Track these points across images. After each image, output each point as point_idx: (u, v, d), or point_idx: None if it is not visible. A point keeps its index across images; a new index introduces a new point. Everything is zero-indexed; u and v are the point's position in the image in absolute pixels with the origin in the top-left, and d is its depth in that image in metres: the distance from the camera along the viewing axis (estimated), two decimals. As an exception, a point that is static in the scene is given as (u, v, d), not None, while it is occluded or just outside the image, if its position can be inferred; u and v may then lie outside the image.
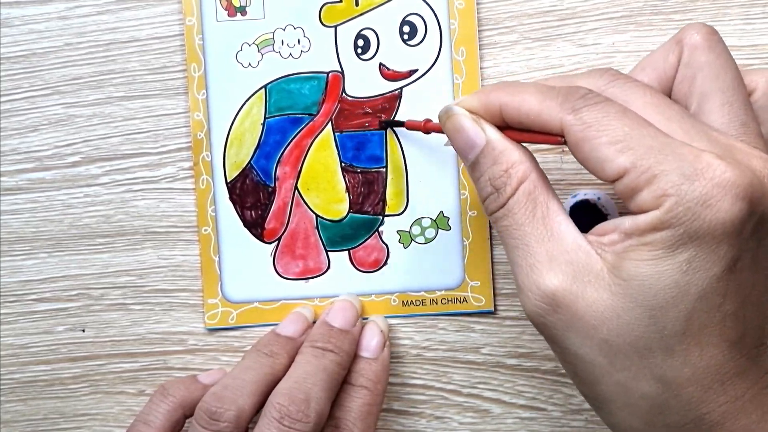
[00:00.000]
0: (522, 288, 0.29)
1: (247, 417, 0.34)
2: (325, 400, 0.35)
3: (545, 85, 0.30)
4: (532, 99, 0.29)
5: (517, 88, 0.30)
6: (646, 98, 0.29)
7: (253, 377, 0.35)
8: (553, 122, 0.28)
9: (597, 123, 0.27)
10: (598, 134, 0.27)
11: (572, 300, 0.28)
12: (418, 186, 0.40)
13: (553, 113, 0.28)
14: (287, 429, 0.33)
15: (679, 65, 0.31)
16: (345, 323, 0.38)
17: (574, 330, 0.28)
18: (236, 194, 0.40)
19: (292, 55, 0.40)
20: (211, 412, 0.34)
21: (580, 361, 0.29)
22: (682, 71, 0.31)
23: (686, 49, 0.31)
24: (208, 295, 0.40)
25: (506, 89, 0.30)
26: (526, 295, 0.29)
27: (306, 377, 0.35)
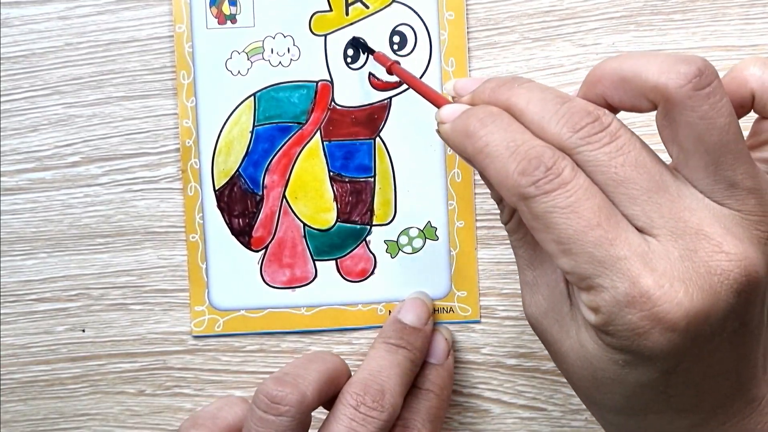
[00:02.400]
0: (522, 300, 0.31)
1: (309, 404, 0.33)
2: (399, 395, 0.35)
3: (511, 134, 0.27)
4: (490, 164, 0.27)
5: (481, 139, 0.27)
6: (612, 172, 0.26)
7: (316, 367, 0.35)
8: (507, 198, 0.27)
9: (544, 218, 0.26)
10: (546, 230, 0.26)
11: (545, 328, 0.30)
12: (406, 196, 0.40)
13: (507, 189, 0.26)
14: (363, 416, 0.33)
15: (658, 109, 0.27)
16: (417, 320, 0.38)
17: (549, 348, 0.30)
18: (224, 202, 0.40)
19: (281, 63, 0.40)
20: (272, 396, 0.32)
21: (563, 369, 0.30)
22: (660, 118, 0.26)
23: (661, 103, 0.26)
24: (195, 302, 0.40)
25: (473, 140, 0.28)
26: (523, 309, 0.31)
27: (380, 370, 0.35)
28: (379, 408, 0.33)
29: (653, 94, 0.26)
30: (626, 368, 0.26)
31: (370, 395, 0.34)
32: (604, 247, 0.25)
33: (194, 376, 0.41)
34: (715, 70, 0.25)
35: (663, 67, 0.25)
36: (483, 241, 0.40)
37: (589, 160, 0.26)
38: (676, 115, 0.25)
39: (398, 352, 0.36)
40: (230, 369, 0.41)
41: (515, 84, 0.29)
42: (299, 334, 0.41)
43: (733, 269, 0.25)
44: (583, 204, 0.25)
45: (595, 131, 0.26)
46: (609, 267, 0.25)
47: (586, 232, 0.25)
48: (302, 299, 0.40)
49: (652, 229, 0.26)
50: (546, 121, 0.27)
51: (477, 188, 0.40)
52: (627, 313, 0.25)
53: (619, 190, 0.26)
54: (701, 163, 0.26)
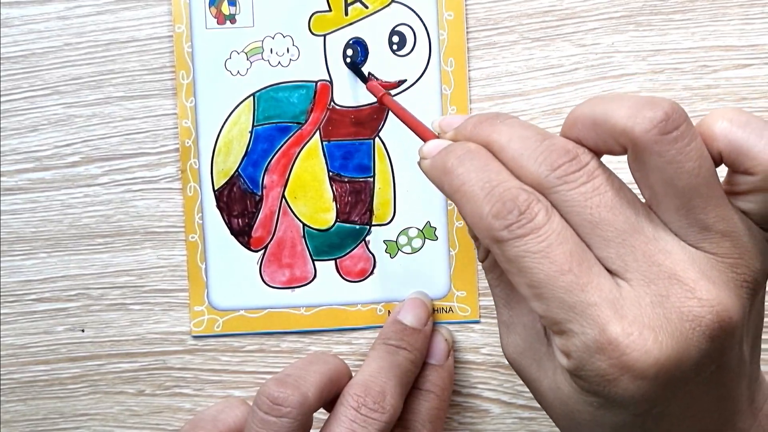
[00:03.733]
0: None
1: (310, 405, 0.33)
2: (399, 396, 0.35)
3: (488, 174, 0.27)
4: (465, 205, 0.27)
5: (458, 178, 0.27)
6: (587, 212, 0.26)
7: (317, 369, 0.35)
8: (481, 240, 0.27)
9: (517, 262, 0.25)
10: (518, 274, 0.26)
11: (523, 368, 0.30)
12: (406, 196, 0.40)
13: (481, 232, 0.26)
14: (364, 418, 0.33)
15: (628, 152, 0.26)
16: (417, 321, 0.38)
17: (529, 386, 0.30)
18: (223, 202, 0.40)
19: (280, 63, 0.40)
20: (273, 397, 0.33)
21: None
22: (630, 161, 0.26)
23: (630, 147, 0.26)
24: (195, 302, 0.40)
25: (450, 178, 0.28)
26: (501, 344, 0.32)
27: (381, 372, 0.35)
28: (379, 409, 0.33)
29: (622, 139, 0.25)
30: (600, 410, 0.26)
31: (371, 397, 0.34)
32: (574, 292, 0.25)
33: (194, 376, 0.41)
34: (684, 113, 0.25)
35: (629, 112, 0.25)
36: (482, 241, 0.40)
37: (566, 200, 0.26)
38: (645, 159, 0.25)
39: (398, 354, 0.36)
40: (230, 369, 0.41)
41: (497, 120, 0.29)
42: (299, 334, 0.41)
43: (705, 315, 0.25)
44: (555, 249, 0.25)
45: (572, 170, 0.26)
46: (579, 313, 0.25)
47: (558, 277, 0.25)
48: (302, 299, 0.40)
49: (626, 273, 0.25)
50: (525, 159, 0.27)
51: (476, 188, 0.40)
52: (596, 359, 0.25)
53: (594, 231, 0.26)
54: (672, 207, 0.26)
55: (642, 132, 0.25)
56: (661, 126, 0.25)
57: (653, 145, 0.25)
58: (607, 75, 0.39)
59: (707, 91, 0.39)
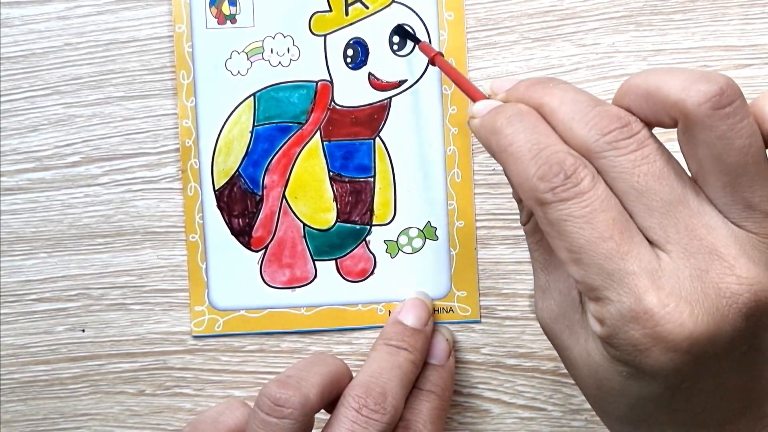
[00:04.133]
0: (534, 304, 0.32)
1: (312, 406, 0.33)
2: (400, 397, 0.35)
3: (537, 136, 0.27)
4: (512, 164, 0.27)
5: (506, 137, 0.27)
6: (634, 180, 0.26)
7: (319, 370, 0.35)
8: (525, 201, 0.27)
9: (558, 225, 0.26)
10: (558, 237, 0.26)
11: (556, 334, 0.30)
12: (406, 196, 0.40)
13: (525, 192, 0.26)
14: (365, 419, 0.33)
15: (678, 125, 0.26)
16: (417, 322, 0.38)
17: (560, 353, 0.31)
18: (224, 202, 0.40)
19: (281, 63, 0.40)
20: (275, 398, 0.33)
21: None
22: (680, 134, 0.26)
23: (681, 120, 0.26)
24: (195, 302, 0.40)
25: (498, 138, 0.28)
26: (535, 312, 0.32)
27: (382, 372, 0.35)
28: (381, 410, 0.33)
29: (673, 111, 0.25)
30: (629, 380, 0.26)
31: (372, 398, 0.34)
32: (614, 260, 0.25)
33: (194, 376, 0.41)
34: (739, 90, 0.25)
35: (684, 84, 0.25)
36: (483, 241, 0.40)
37: (613, 166, 0.26)
38: (695, 132, 0.25)
39: (399, 354, 0.36)
40: (230, 369, 0.41)
41: (550, 83, 0.29)
42: (299, 334, 0.41)
43: (743, 293, 0.25)
44: (598, 215, 0.25)
45: (622, 137, 0.26)
46: (617, 281, 0.25)
47: (598, 243, 0.25)
48: (302, 299, 0.40)
49: (666, 244, 0.25)
50: (575, 122, 0.27)
51: (477, 188, 0.40)
52: (630, 328, 0.25)
53: (639, 200, 0.26)
54: (718, 183, 0.25)
55: (695, 105, 0.25)
56: (714, 100, 0.24)
57: (705, 119, 0.25)
58: (608, 75, 0.39)
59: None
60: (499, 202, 0.40)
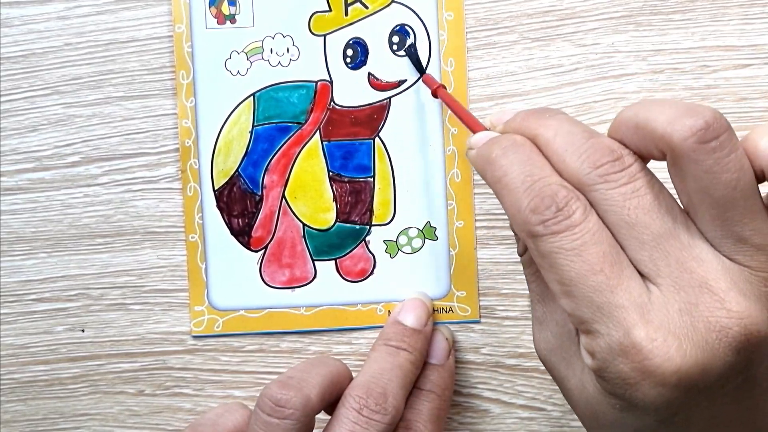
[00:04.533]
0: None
1: (313, 407, 0.33)
2: (401, 397, 0.35)
3: (530, 168, 0.27)
4: (506, 196, 0.27)
5: (501, 168, 0.28)
6: (625, 213, 0.26)
7: (319, 371, 0.35)
8: (518, 232, 0.27)
9: (549, 258, 0.26)
10: (550, 269, 0.26)
11: (553, 365, 0.30)
12: (406, 196, 0.40)
13: (518, 224, 0.27)
14: (366, 419, 0.33)
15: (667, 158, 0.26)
16: (417, 322, 0.38)
17: (558, 384, 0.31)
18: (223, 202, 0.40)
19: (281, 63, 0.40)
20: (276, 399, 0.33)
21: None
22: (669, 167, 0.26)
23: (668, 154, 0.26)
24: (195, 302, 0.40)
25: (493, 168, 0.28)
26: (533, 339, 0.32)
27: (382, 373, 0.35)
28: (381, 411, 0.33)
29: (661, 144, 0.25)
30: (623, 413, 0.26)
31: (373, 398, 0.34)
32: (603, 293, 0.25)
33: (194, 376, 0.41)
34: (726, 123, 0.25)
35: (670, 118, 0.25)
36: (482, 241, 0.40)
37: (605, 199, 0.26)
38: (682, 166, 0.25)
39: (399, 355, 0.36)
40: (230, 369, 0.41)
41: (546, 114, 0.29)
42: (299, 334, 0.41)
43: (733, 326, 0.24)
44: (589, 248, 0.25)
45: (614, 170, 0.26)
46: (606, 314, 0.25)
47: (588, 276, 0.25)
48: (302, 299, 0.40)
49: (657, 278, 0.25)
50: (568, 155, 0.27)
51: (476, 188, 0.40)
52: (619, 362, 0.25)
53: (630, 233, 0.26)
54: (708, 216, 0.25)
55: (680, 139, 0.25)
56: (700, 134, 0.24)
57: (691, 153, 0.25)
58: (607, 75, 0.39)
59: (707, 91, 0.39)
60: (499, 202, 0.40)
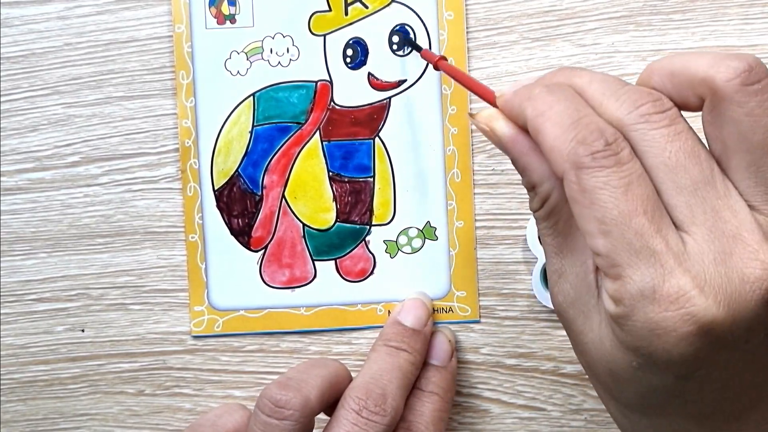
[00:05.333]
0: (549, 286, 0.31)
1: (312, 408, 0.33)
2: (400, 398, 0.35)
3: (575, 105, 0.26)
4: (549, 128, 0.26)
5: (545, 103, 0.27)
6: (665, 155, 0.25)
7: (319, 372, 0.35)
8: (557, 166, 0.26)
9: (592, 193, 0.25)
10: (590, 206, 0.25)
11: (571, 318, 0.29)
12: (406, 196, 0.40)
13: (562, 155, 0.26)
14: (366, 421, 0.33)
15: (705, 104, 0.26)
16: (417, 322, 0.38)
17: (571, 340, 0.30)
18: (223, 202, 0.40)
19: (280, 63, 0.40)
20: (275, 400, 0.33)
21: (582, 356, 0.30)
22: (706, 113, 0.26)
23: (708, 97, 0.25)
24: (195, 302, 0.40)
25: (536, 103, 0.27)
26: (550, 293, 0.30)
27: (382, 374, 0.35)
28: (381, 412, 0.33)
29: (701, 88, 0.25)
30: (640, 371, 0.26)
31: (373, 399, 0.34)
32: (644, 237, 0.24)
33: (194, 376, 0.41)
34: (767, 70, 0.25)
35: (712, 61, 0.25)
36: (482, 241, 0.40)
37: (646, 140, 0.25)
38: (722, 109, 0.25)
39: (399, 355, 0.36)
40: (229, 369, 0.41)
41: (576, 68, 0.28)
42: (298, 334, 0.41)
43: (766, 278, 0.24)
44: (635, 189, 0.25)
45: (655, 110, 0.26)
46: (643, 259, 0.24)
47: (631, 217, 0.24)
48: (301, 299, 0.40)
49: (692, 225, 0.25)
50: (607, 98, 0.26)
51: (476, 188, 0.40)
52: (650, 310, 0.24)
53: (669, 176, 0.25)
54: (743, 163, 0.25)
55: (724, 80, 0.25)
56: (744, 76, 0.24)
57: (734, 95, 0.25)
58: (607, 75, 0.39)
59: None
60: (499, 202, 0.40)
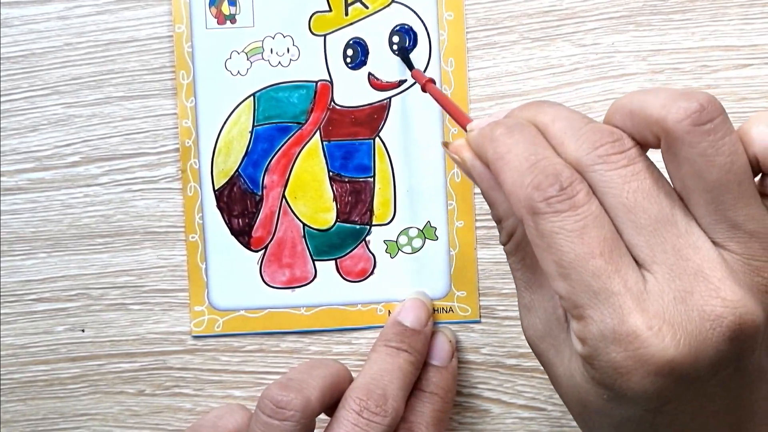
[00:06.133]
0: None
1: (313, 409, 0.34)
2: (401, 399, 0.35)
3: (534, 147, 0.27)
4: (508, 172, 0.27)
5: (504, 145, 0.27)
6: (623, 196, 0.25)
7: (320, 373, 0.35)
8: (516, 210, 0.26)
9: (549, 237, 0.25)
10: (547, 249, 0.25)
11: (541, 351, 0.29)
12: (406, 196, 0.40)
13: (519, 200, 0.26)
14: (366, 421, 0.33)
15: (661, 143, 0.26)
16: (417, 322, 0.38)
17: (546, 371, 0.30)
18: (224, 202, 0.40)
19: (281, 63, 0.40)
20: (276, 401, 0.33)
21: None
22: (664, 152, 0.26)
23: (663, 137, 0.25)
24: (195, 302, 0.40)
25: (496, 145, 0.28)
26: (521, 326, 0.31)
27: (382, 374, 0.35)
28: (382, 413, 0.33)
29: (655, 128, 0.25)
30: (611, 403, 0.26)
31: (373, 400, 0.34)
32: (601, 278, 0.25)
33: (194, 376, 0.41)
34: (721, 107, 0.25)
35: (665, 102, 0.25)
36: (483, 241, 0.40)
37: (603, 180, 0.26)
38: (676, 150, 0.25)
39: (399, 356, 0.36)
40: (230, 369, 0.41)
41: (543, 104, 0.29)
42: (299, 334, 0.41)
43: (727, 315, 0.24)
44: (590, 231, 0.25)
45: (613, 151, 0.26)
46: (602, 300, 0.25)
47: (588, 260, 0.25)
48: (302, 299, 0.40)
49: (653, 264, 0.25)
50: (567, 137, 0.27)
51: (476, 188, 0.40)
52: (611, 350, 0.24)
53: (628, 216, 0.25)
54: (701, 201, 0.25)
55: (675, 121, 0.25)
56: (694, 117, 0.24)
57: (685, 136, 0.25)
58: (607, 75, 0.39)
59: (707, 91, 0.39)
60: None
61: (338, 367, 0.36)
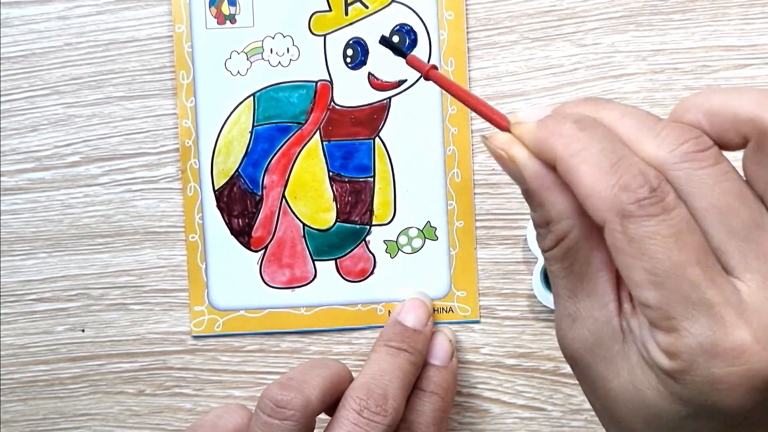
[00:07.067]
0: (556, 331, 0.29)
1: (313, 409, 0.33)
2: (401, 398, 0.35)
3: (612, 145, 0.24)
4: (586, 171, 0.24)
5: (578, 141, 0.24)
6: (714, 197, 0.23)
7: (320, 372, 0.35)
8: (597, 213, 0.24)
9: (641, 243, 0.23)
10: (638, 257, 0.23)
11: (589, 364, 0.27)
12: (406, 196, 0.40)
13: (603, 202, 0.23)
14: (366, 421, 0.33)
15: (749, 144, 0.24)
16: (417, 322, 0.38)
17: (586, 385, 0.28)
18: (224, 202, 0.40)
19: (281, 63, 0.40)
20: (277, 400, 0.33)
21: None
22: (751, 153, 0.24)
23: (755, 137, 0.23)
24: (195, 302, 0.40)
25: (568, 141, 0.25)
26: (558, 340, 0.28)
27: (383, 374, 0.35)
28: (382, 413, 0.33)
29: (746, 127, 0.23)
30: (688, 419, 0.24)
31: (374, 400, 0.34)
32: (701, 288, 0.23)
33: (194, 376, 0.41)
34: None
35: (758, 100, 0.23)
36: (482, 241, 0.40)
37: (691, 180, 0.23)
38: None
39: (400, 356, 0.36)
40: (230, 369, 0.41)
41: (600, 100, 0.26)
42: (299, 334, 0.41)
43: None
44: (686, 237, 0.23)
45: (699, 148, 0.24)
46: (701, 311, 0.23)
47: (686, 268, 0.23)
48: (302, 299, 0.40)
49: (745, 272, 0.23)
50: (644, 134, 0.24)
51: (476, 188, 0.40)
52: (712, 365, 0.23)
53: (719, 220, 0.23)
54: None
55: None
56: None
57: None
58: (607, 75, 0.39)
59: (707, 91, 0.39)
60: (499, 202, 0.40)
61: (338, 366, 0.36)
